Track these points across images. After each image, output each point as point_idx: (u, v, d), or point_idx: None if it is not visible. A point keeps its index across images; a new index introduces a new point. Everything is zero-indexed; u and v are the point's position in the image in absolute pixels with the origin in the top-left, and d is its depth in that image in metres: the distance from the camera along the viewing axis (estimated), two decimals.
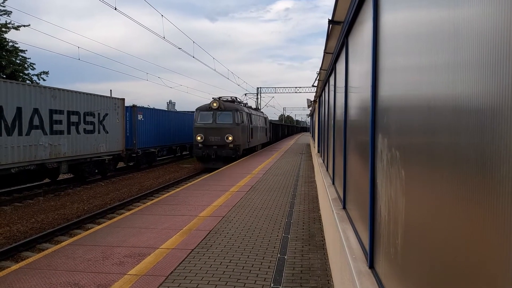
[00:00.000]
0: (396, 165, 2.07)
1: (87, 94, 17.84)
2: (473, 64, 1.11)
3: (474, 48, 1.10)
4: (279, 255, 6.03)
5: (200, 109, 23.58)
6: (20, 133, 13.79)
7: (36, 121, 14.53)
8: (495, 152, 0.98)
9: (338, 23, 4.76)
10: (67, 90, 16.35)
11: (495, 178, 0.98)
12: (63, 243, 6.70)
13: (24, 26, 22.71)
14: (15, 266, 5.62)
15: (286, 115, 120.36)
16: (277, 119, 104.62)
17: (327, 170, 8.80)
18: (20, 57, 23.80)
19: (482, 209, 1.05)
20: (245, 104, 29.87)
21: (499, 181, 0.96)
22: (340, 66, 5.65)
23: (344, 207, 4.74)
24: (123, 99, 21.03)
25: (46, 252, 6.25)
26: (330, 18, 4.74)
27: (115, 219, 8.41)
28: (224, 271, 5.35)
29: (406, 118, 1.90)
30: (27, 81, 23.32)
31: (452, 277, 1.28)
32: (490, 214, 1.00)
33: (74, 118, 16.76)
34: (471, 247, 1.13)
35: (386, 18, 2.45)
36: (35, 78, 24.61)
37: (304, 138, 63.07)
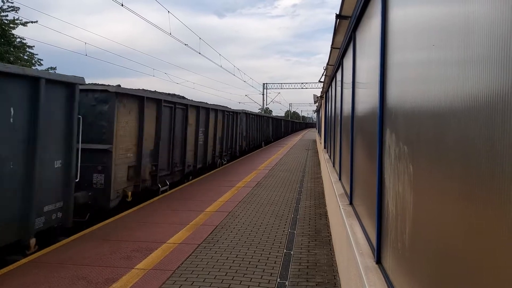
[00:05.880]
0: (404, 160, 2.06)
1: None
2: (484, 59, 1.10)
3: (485, 43, 1.09)
4: (285, 250, 6.05)
5: None
6: None
7: None
8: (506, 147, 0.97)
9: (345, 17, 4.73)
10: None
11: (505, 173, 0.97)
12: (71, 237, 6.77)
13: (32, 22, 22.83)
14: (24, 260, 5.69)
15: (292, 111, 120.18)
16: (283, 115, 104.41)
17: (333, 166, 8.79)
18: (28, 53, 23.97)
19: (491, 205, 1.05)
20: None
21: (509, 176, 0.95)
22: (348, 61, 5.62)
23: (350, 203, 4.73)
24: None
25: (54, 246, 6.32)
26: (338, 13, 4.71)
27: (122, 214, 8.47)
28: (230, 266, 5.37)
29: (414, 113, 1.89)
30: None
31: (460, 273, 1.28)
32: (500, 210, 1.00)
33: None
34: (479, 242, 1.12)
35: (395, 12, 2.43)
36: None
37: (310, 134, 62.92)
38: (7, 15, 21.74)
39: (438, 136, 1.52)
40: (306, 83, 59.53)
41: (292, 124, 77.24)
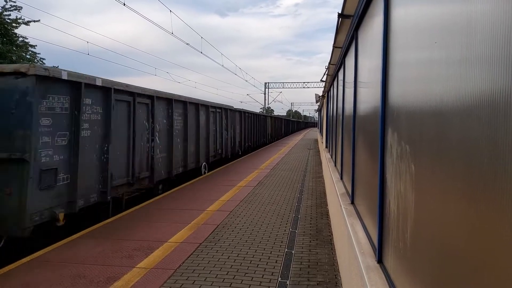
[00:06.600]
0: (406, 159, 2.06)
1: None
2: (486, 58, 1.10)
3: (487, 42, 1.09)
4: (286, 249, 6.04)
5: None
6: None
7: None
8: (508, 147, 0.96)
9: (347, 16, 4.72)
10: None
11: (507, 173, 0.97)
12: (73, 236, 6.78)
13: (34, 21, 22.86)
14: (26, 259, 5.70)
15: (293, 111, 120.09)
16: (285, 114, 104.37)
17: (335, 165, 8.78)
18: (30, 52, 24.02)
19: (493, 205, 1.04)
20: None
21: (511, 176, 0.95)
22: (349, 61, 5.61)
23: (352, 202, 4.73)
24: None
25: (56, 245, 6.33)
26: (340, 12, 4.71)
27: (123, 213, 8.49)
28: (231, 265, 5.37)
29: (416, 113, 1.88)
30: None
31: (462, 273, 1.27)
32: (502, 210, 0.99)
33: None
34: (481, 242, 1.12)
35: (397, 11, 2.43)
36: None
37: (311, 133, 62.82)
38: (9, 14, 21.80)
39: (440, 135, 1.51)
40: (308, 82, 59.42)
41: (287, 123, 58.22)
